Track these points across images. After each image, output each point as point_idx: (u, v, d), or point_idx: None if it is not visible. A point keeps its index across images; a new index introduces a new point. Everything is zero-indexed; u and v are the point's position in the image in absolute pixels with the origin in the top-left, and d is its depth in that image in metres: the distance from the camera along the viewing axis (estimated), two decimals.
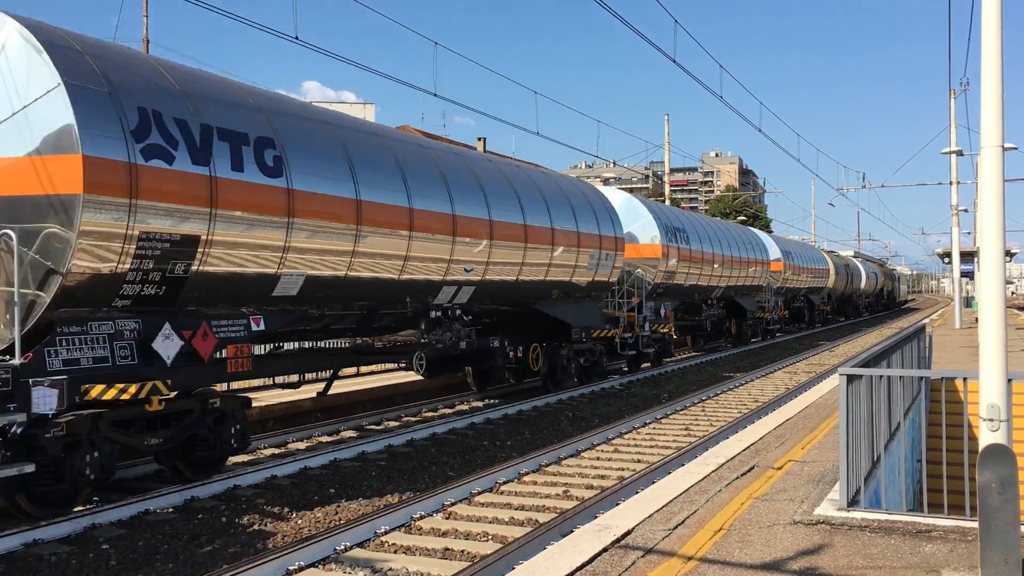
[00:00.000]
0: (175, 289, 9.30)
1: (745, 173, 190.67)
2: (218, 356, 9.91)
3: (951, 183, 36.71)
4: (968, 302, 47.00)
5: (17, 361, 7.81)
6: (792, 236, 52.72)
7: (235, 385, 13.45)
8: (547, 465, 11.27)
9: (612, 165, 64.25)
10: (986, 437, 5.77)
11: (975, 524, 5.46)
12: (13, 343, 7.90)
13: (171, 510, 8.95)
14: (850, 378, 6.56)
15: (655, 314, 23.95)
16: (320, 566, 7.13)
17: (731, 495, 7.19)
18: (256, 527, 8.47)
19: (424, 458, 11.82)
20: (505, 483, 10.22)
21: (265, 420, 13.98)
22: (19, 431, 7.82)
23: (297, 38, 14.80)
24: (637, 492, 8.21)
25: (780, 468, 8.24)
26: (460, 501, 9.34)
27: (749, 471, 8.15)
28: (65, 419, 8.21)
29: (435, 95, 19.62)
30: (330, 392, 14.48)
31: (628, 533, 6.12)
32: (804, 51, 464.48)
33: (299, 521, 8.69)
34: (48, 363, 8.13)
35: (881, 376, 7.65)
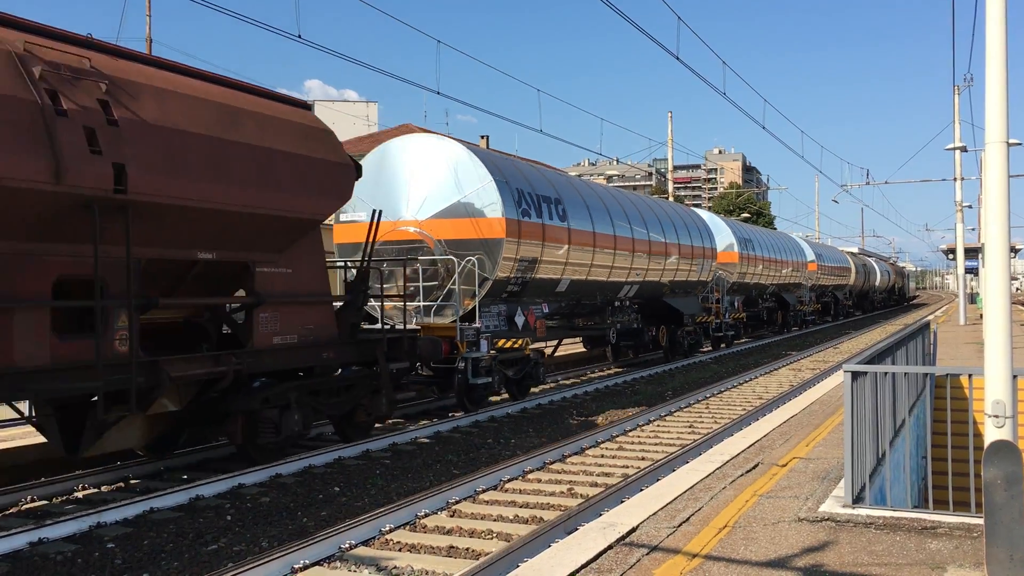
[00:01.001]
0: (523, 288, 16.49)
1: (749, 170, 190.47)
2: (534, 326, 17.09)
3: (955, 179, 36.61)
4: (973, 298, 46.95)
5: (479, 324, 14.87)
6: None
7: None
8: (552, 463, 11.27)
9: (615, 162, 64.21)
10: (991, 433, 5.76)
11: (980, 521, 5.45)
12: (465, 312, 15.05)
13: (176, 509, 8.97)
14: (855, 375, 6.54)
15: (731, 306, 31.17)
16: (325, 564, 7.14)
17: (736, 492, 7.18)
18: (261, 525, 8.48)
19: (428, 456, 11.83)
20: (510, 481, 10.22)
21: None
22: (461, 364, 14.66)
23: (300, 36, 14.80)
24: (641, 490, 8.20)
25: (785, 465, 8.23)
26: (465, 499, 9.34)
27: (753, 468, 8.14)
28: (486, 357, 14.96)
29: (438, 93, 19.76)
30: None
31: (633, 530, 6.12)
32: (807, 47, 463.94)
33: (304, 519, 8.70)
34: (482, 327, 15.02)
35: (886, 373, 7.64)
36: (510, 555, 6.85)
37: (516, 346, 16.00)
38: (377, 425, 13.55)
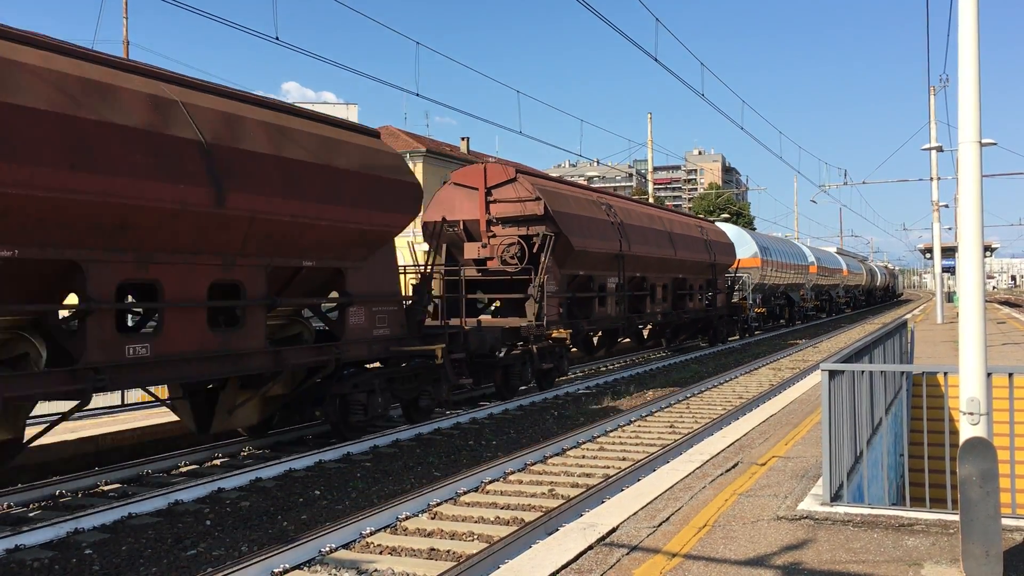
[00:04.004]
0: (757, 288, 40.56)
1: (728, 171, 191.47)
2: (759, 302, 40.53)
3: (932, 179, 36.95)
4: (950, 297, 47.45)
5: (749, 301, 38.03)
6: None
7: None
8: (533, 464, 11.28)
9: (596, 164, 64.40)
10: (966, 431, 5.80)
11: (957, 517, 5.51)
12: (737, 303, 36.35)
13: (155, 514, 8.90)
14: (832, 374, 6.59)
15: (812, 298, 53.78)
16: (305, 568, 7.11)
17: (715, 491, 7.21)
18: (241, 529, 8.43)
19: (410, 458, 11.80)
20: (491, 482, 10.21)
21: None
22: (743, 315, 37.32)
23: (277, 38, 14.74)
24: (622, 490, 8.23)
25: (764, 464, 8.28)
26: (446, 501, 9.33)
27: (733, 467, 8.18)
28: (753, 315, 39.60)
29: (417, 95, 19.61)
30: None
31: (613, 531, 6.13)
32: (785, 48, 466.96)
33: (284, 523, 8.66)
34: (751, 303, 38.73)
35: (863, 371, 7.70)
36: (491, 556, 6.85)
37: (760, 311, 38.89)
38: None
